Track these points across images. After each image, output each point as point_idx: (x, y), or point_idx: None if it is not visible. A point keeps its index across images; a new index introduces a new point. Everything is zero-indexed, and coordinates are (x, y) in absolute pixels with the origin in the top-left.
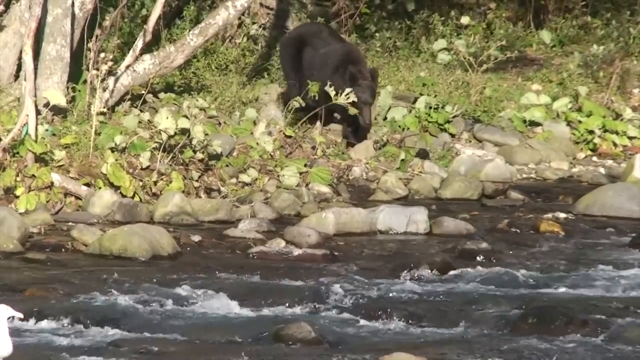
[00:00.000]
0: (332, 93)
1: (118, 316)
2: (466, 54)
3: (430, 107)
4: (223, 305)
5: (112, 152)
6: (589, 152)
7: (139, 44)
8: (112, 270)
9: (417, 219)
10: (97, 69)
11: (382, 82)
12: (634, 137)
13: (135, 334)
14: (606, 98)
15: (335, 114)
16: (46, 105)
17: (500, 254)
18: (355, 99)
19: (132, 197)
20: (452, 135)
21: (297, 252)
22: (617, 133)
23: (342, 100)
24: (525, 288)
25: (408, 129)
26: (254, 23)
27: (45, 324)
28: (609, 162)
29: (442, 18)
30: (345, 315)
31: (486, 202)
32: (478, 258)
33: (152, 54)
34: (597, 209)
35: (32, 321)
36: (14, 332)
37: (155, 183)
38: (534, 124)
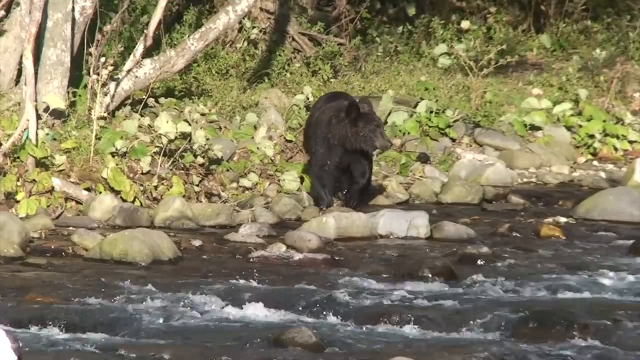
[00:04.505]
0: None
1: (118, 321)
2: (467, 58)
3: (431, 112)
4: (224, 310)
5: (113, 156)
6: (590, 157)
7: (139, 48)
8: (113, 275)
9: (417, 224)
10: (98, 74)
11: (383, 86)
12: (635, 141)
13: (136, 339)
14: (606, 102)
15: None
16: (46, 109)
17: (501, 259)
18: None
19: (133, 201)
20: (453, 140)
21: (297, 256)
22: (617, 137)
23: None
24: (526, 292)
25: (409, 133)
26: (254, 27)
27: (45, 328)
28: (610, 166)
29: (443, 22)
30: (346, 319)
31: (487, 207)
32: (479, 262)
33: (152, 59)
34: (597, 214)
35: (32, 326)
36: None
37: (155, 187)
38: (534, 128)
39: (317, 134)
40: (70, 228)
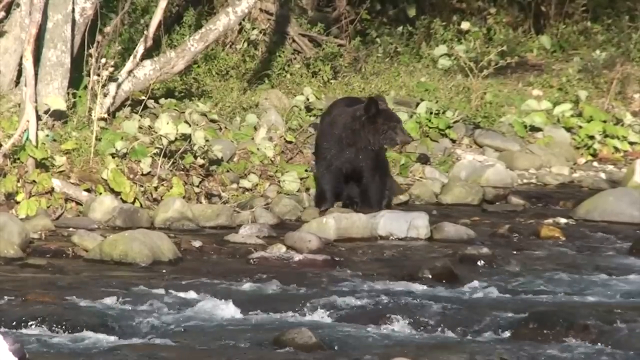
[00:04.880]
0: None
1: (119, 322)
2: (467, 60)
3: (431, 113)
4: (224, 311)
5: (113, 157)
6: (590, 157)
7: (139, 49)
8: (113, 276)
9: (417, 225)
10: (98, 75)
11: (383, 87)
12: (635, 142)
13: (136, 340)
14: (606, 103)
15: None
16: (47, 111)
17: (501, 259)
18: None
19: (133, 202)
20: (453, 141)
21: (297, 257)
22: (617, 138)
23: None
24: (526, 293)
25: (409, 134)
26: (254, 28)
27: (45, 329)
28: (610, 167)
29: (443, 23)
30: (346, 320)
31: (487, 208)
32: (479, 263)
33: (152, 60)
34: (597, 214)
35: (32, 327)
36: (14, 338)
37: (155, 188)
38: (534, 129)
39: (332, 134)
40: (70, 229)
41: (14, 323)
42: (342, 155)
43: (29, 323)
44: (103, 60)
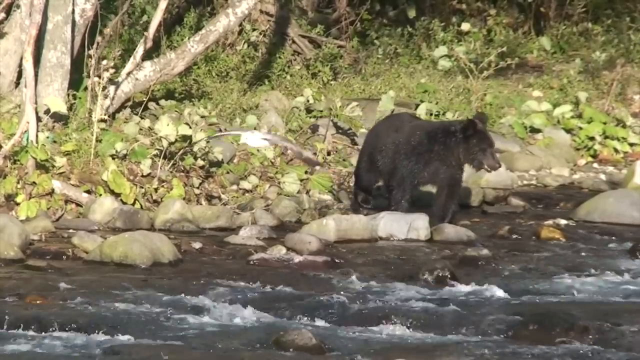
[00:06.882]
0: None
1: (118, 323)
2: (467, 61)
3: (431, 114)
4: (223, 312)
5: (113, 159)
6: (590, 159)
7: (139, 50)
8: (113, 277)
9: (417, 226)
10: (98, 76)
11: (383, 89)
12: (635, 144)
13: (136, 341)
14: (607, 104)
15: None
16: (47, 112)
17: (501, 261)
18: None
19: (133, 204)
20: None
21: (297, 259)
22: (617, 139)
23: None
24: (526, 295)
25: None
26: (254, 30)
27: (45, 331)
28: (610, 168)
29: (443, 25)
30: (346, 321)
31: (487, 209)
32: (479, 265)
33: (152, 61)
34: (597, 216)
35: (32, 328)
36: (15, 339)
37: (156, 190)
38: (534, 130)
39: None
40: (71, 230)
41: (14, 324)
42: (427, 168)
43: (29, 324)
44: (103, 62)
